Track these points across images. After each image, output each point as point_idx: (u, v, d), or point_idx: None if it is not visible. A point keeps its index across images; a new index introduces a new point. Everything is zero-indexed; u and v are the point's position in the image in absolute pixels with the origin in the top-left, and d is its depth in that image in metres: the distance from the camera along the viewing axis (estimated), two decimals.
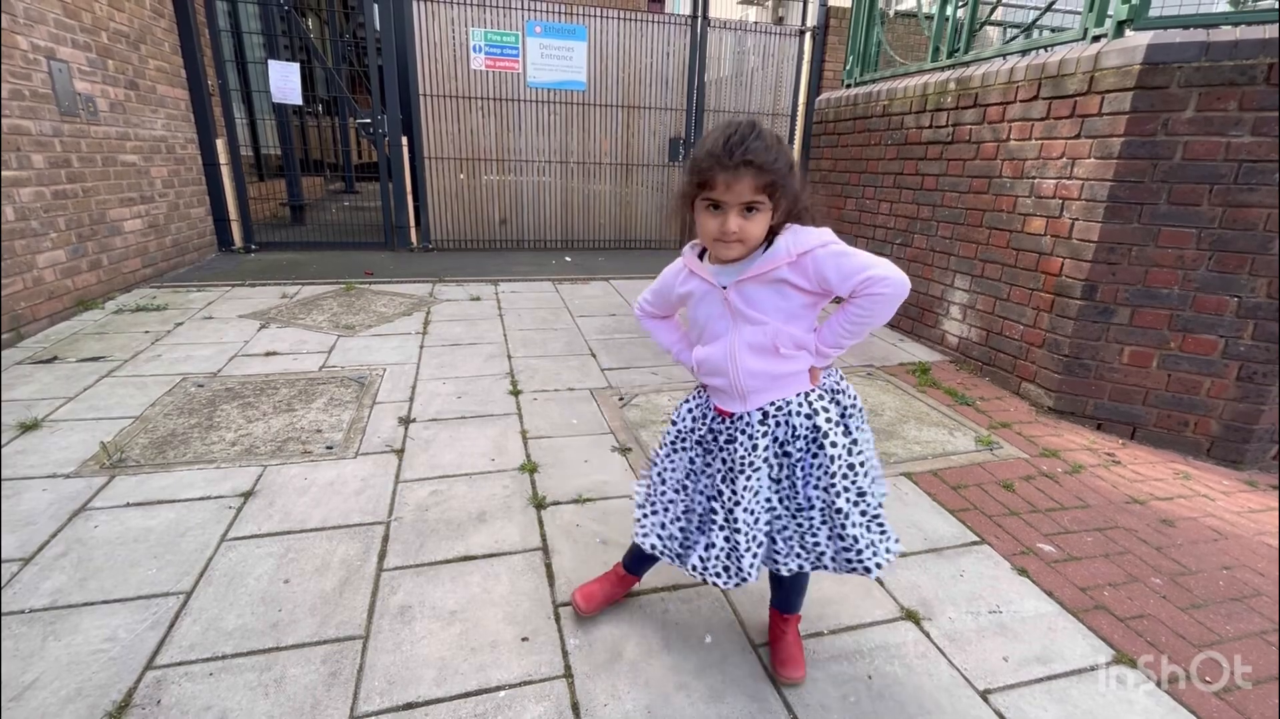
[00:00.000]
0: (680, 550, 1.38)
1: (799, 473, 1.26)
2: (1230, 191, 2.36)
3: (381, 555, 1.75)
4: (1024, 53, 3.10)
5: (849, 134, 4.48)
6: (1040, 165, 2.89)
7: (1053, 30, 4.22)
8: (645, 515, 1.44)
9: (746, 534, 1.27)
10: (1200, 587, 1.77)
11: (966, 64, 3.44)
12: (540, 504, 2.02)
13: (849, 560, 1.30)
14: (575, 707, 1.32)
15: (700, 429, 1.32)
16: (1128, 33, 2.59)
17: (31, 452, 2.20)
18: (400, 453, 2.30)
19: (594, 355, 3.41)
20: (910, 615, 1.61)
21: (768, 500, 1.29)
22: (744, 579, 1.29)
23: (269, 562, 1.70)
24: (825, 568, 1.33)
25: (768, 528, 1.31)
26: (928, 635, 1.55)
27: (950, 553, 1.87)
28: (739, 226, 1.12)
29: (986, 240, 3.25)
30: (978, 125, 3.26)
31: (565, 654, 1.45)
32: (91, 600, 1.54)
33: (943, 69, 3.61)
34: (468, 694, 1.33)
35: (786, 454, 1.26)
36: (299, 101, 5.56)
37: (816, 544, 1.30)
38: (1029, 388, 3.00)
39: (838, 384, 1.29)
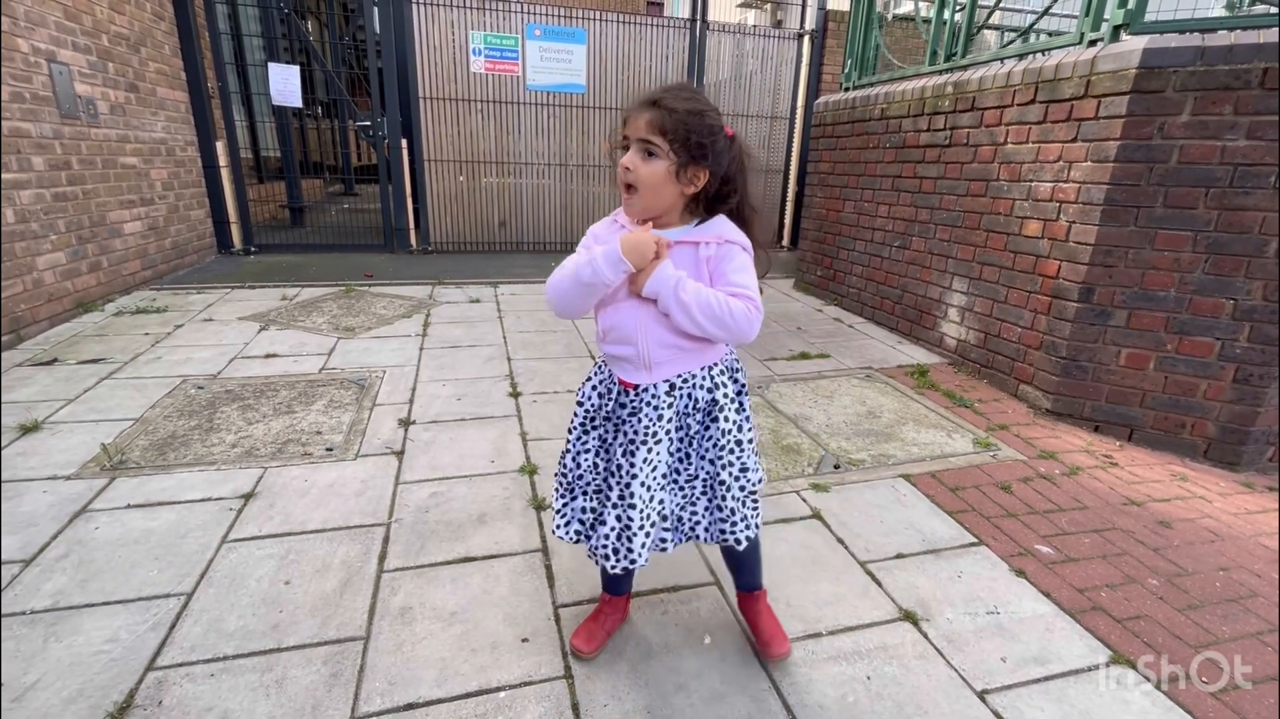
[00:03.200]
0: (589, 533, 1.36)
1: (693, 445, 1.30)
2: (1226, 195, 2.37)
3: (382, 557, 1.76)
4: (1021, 57, 3.11)
5: (847, 137, 4.50)
6: (1037, 168, 2.91)
7: (1049, 34, 4.24)
8: (565, 505, 1.37)
9: (641, 512, 1.26)
10: (1197, 588, 1.78)
11: (964, 68, 3.46)
12: (540, 506, 2.03)
13: (722, 531, 1.35)
14: (575, 708, 1.32)
15: (608, 404, 1.29)
16: (1124, 37, 2.60)
17: (32, 453, 2.21)
18: (400, 455, 2.31)
19: (593, 357, 3.42)
20: (908, 616, 1.62)
21: (665, 473, 1.30)
22: (633, 562, 1.27)
23: (270, 563, 1.71)
24: (696, 538, 1.37)
25: (661, 505, 1.31)
26: (926, 636, 1.56)
27: (948, 554, 1.88)
28: (632, 164, 1.13)
29: (984, 243, 3.27)
30: (975, 129, 3.28)
31: (565, 655, 1.45)
32: (93, 602, 1.55)
33: (940, 73, 3.63)
34: (468, 695, 1.34)
35: (685, 427, 1.29)
36: (299, 104, 5.58)
37: (694, 514, 1.35)
38: (1027, 390, 3.01)
39: (735, 363, 1.33)
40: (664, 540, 1.35)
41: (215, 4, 5.23)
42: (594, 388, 1.32)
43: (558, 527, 1.38)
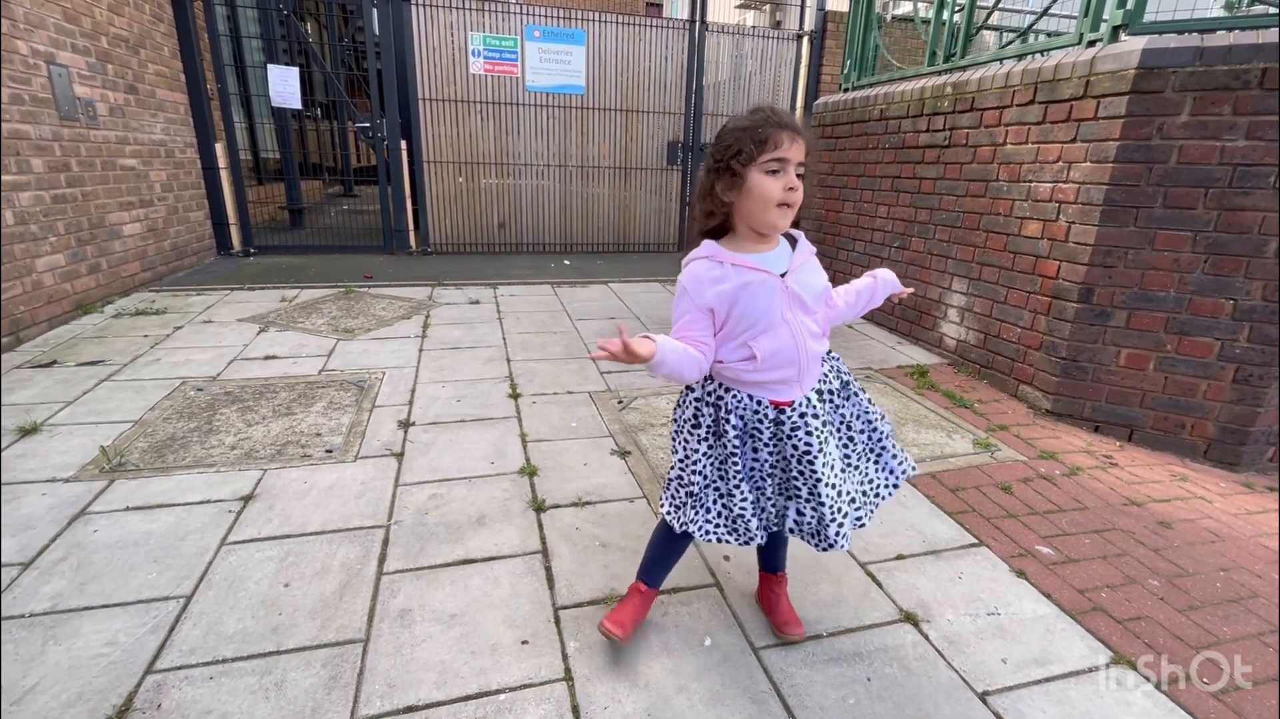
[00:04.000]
0: (777, 521, 1.37)
1: (851, 428, 1.38)
2: (1225, 195, 2.37)
3: (381, 559, 1.75)
4: (1020, 57, 3.12)
5: (846, 138, 4.50)
6: (1036, 169, 2.91)
7: (1048, 35, 4.25)
8: (745, 524, 1.33)
9: (830, 506, 1.30)
10: (1198, 588, 1.78)
11: (963, 68, 3.46)
12: (540, 507, 2.03)
13: (891, 473, 1.44)
14: (575, 710, 1.32)
15: (761, 430, 1.28)
16: (1123, 37, 2.60)
17: (31, 456, 2.20)
18: (400, 456, 2.31)
19: (593, 359, 3.41)
20: (909, 618, 1.62)
21: (842, 466, 1.36)
22: (830, 545, 1.32)
23: (269, 565, 1.71)
24: (881, 500, 1.42)
25: (848, 494, 1.35)
26: (926, 637, 1.56)
27: (949, 555, 1.88)
28: (798, 186, 1.17)
29: (984, 243, 3.27)
30: (974, 129, 3.28)
31: (565, 657, 1.45)
32: (91, 604, 1.54)
33: (939, 73, 3.63)
34: (468, 697, 1.34)
35: (841, 417, 1.36)
36: (298, 105, 5.58)
37: (871, 480, 1.41)
38: (1027, 390, 3.01)
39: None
40: (859, 520, 1.39)
41: (214, 6, 5.23)
42: (729, 416, 1.27)
43: (751, 539, 1.34)
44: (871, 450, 1.43)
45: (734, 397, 1.28)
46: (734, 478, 1.31)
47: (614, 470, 2.27)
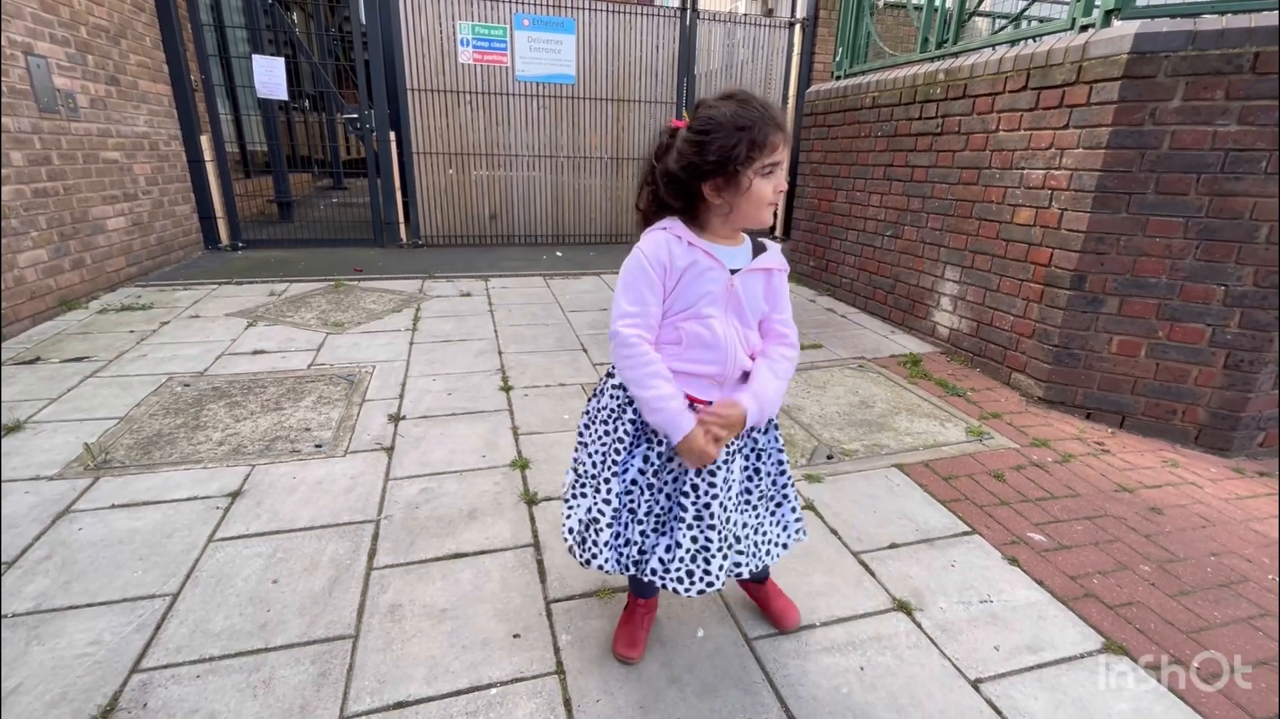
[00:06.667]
0: (637, 557, 1.28)
1: (762, 459, 1.32)
2: (1217, 180, 2.37)
3: (371, 554, 1.74)
4: (1012, 43, 3.09)
5: (839, 126, 4.47)
6: (1029, 156, 2.89)
7: (1041, 20, 4.22)
8: (612, 535, 1.27)
9: (720, 532, 1.23)
10: (1189, 573, 1.79)
11: (955, 55, 3.43)
12: (532, 500, 2.01)
13: (785, 529, 1.39)
14: (567, 703, 1.31)
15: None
16: (1115, 22, 2.58)
17: (14, 454, 2.17)
18: (390, 450, 2.28)
19: (585, 350, 3.40)
20: (902, 606, 1.61)
21: (739, 492, 1.29)
22: (709, 584, 1.22)
23: (257, 562, 1.69)
24: (763, 559, 1.36)
25: (736, 527, 1.29)
26: (919, 626, 1.55)
27: (941, 543, 1.88)
28: (785, 185, 1.15)
29: (976, 231, 3.26)
30: (967, 116, 3.26)
31: (557, 651, 1.44)
32: (76, 604, 1.52)
33: (932, 60, 3.60)
34: (459, 692, 1.33)
35: (754, 440, 1.30)
36: (284, 97, 5.49)
37: (763, 530, 1.36)
38: (1019, 378, 3.01)
39: None
40: (738, 565, 1.30)
41: None
42: (634, 411, 1.23)
43: (581, 557, 1.29)
44: (773, 499, 1.36)
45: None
46: (619, 464, 1.24)
47: None
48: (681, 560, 1.23)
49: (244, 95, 6.35)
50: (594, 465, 1.29)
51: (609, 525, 1.26)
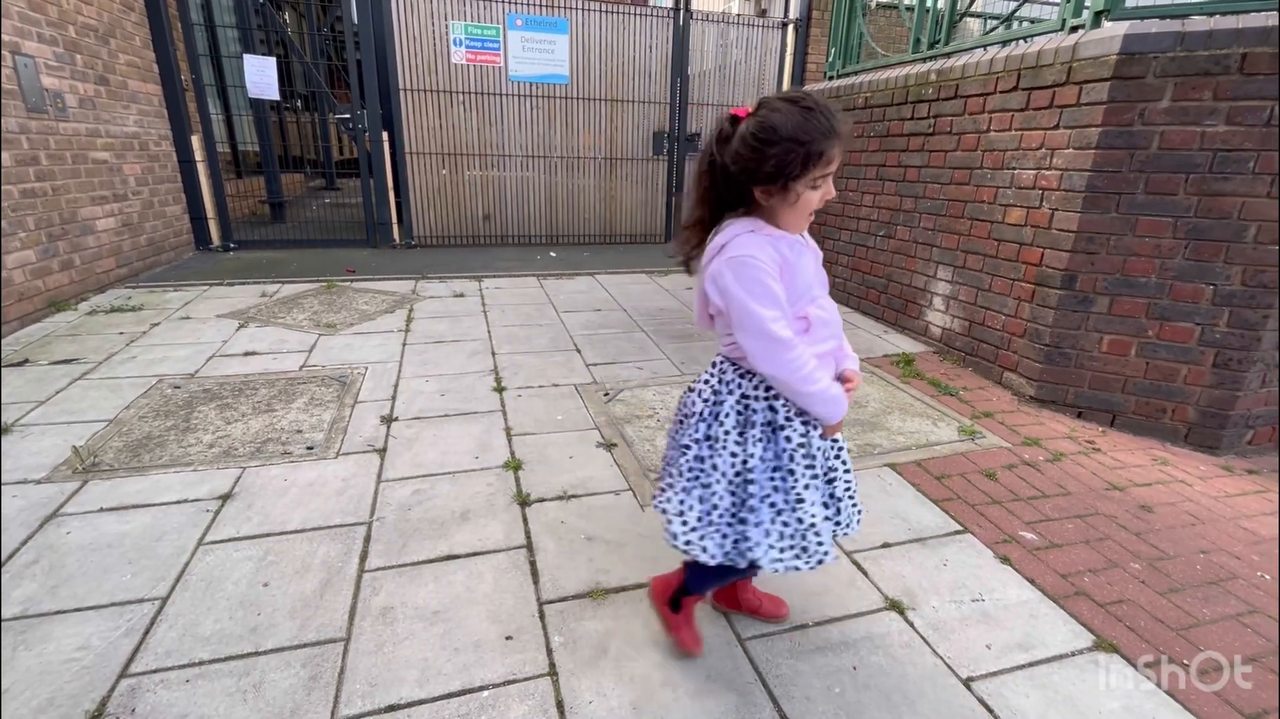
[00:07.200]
0: (735, 551, 1.26)
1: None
2: (1205, 180, 2.38)
3: (363, 556, 1.73)
4: (1003, 44, 3.11)
5: None
6: (1020, 156, 2.91)
7: (1031, 21, 4.24)
8: (707, 525, 1.25)
9: (824, 510, 1.27)
10: (1178, 571, 1.80)
11: (947, 55, 3.45)
12: (524, 501, 2.01)
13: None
14: (560, 705, 1.31)
15: (785, 410, 1.20)
16: (1105, 23, 2.60)
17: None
18: (382, 452, 2.27)
19: (579, 351, 3.39)
20: (894, 605, 1.62)
21: (837, 457, 1.31)
22: (825, 556, 1.26)
23: (248, 565, 1.67)
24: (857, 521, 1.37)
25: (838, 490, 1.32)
26: (912, 625, 1.56)
27: (934, 542, 1.88)
28: (833, 192, 1.16)
29: (968, 231, 3.27)
30: (958, 116, 3.27)
31: (550, 652, 1.44)
32: (64, 608, 1.51)
33: (924, 60, 3.61)
34: (451, 695, 1.32)
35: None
36: (276, 97, 5.47)
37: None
38: (1011, 377, 3.03)
39: None
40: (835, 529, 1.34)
41: None
42: (755, 397, 1.21)
43: (698, 550, 1.25)
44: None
45: (735, 380, 1.23)
46: (750, 461, 1.21)
47: (600, 463, 2.25)
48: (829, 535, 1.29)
49: (235, 95, 6.31)
50: (732, 485, 1.24)
51: (718, 520, 1.26)
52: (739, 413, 1.22)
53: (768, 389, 1.21)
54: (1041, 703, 1.36)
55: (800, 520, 1.24)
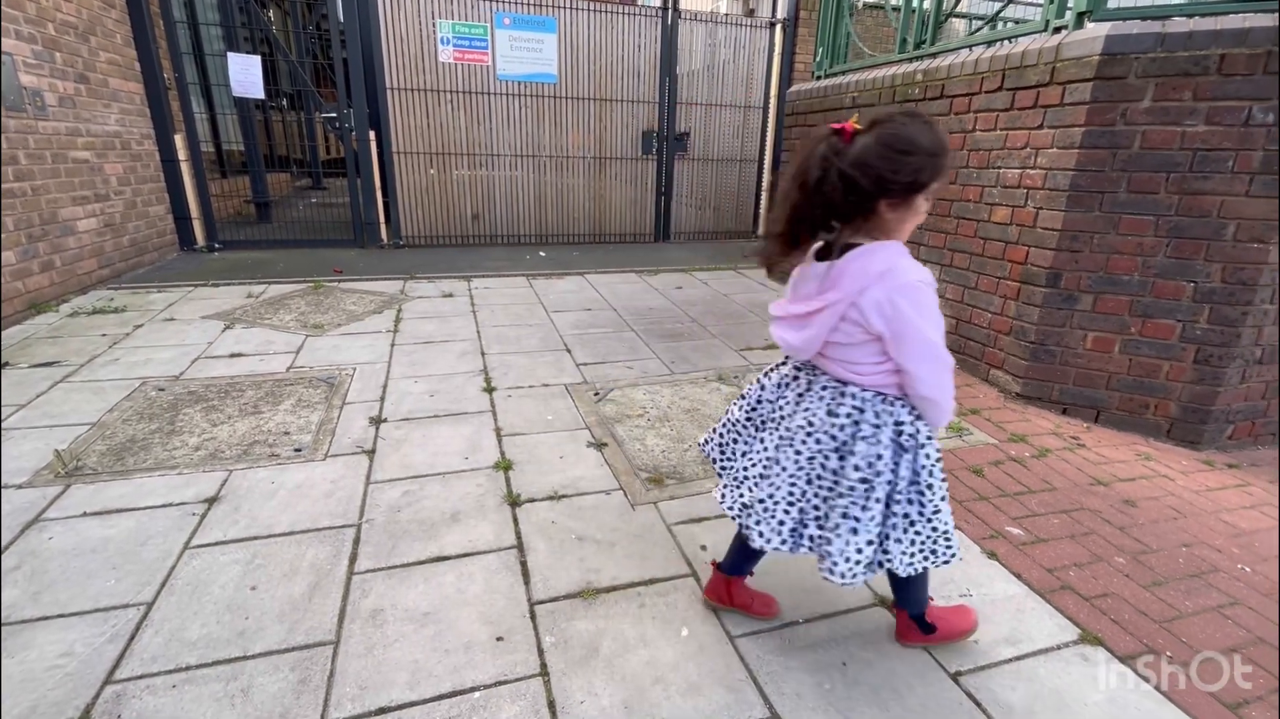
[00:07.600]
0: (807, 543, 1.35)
1: None
2: (1186, 179, 2.42)
3: (352, 558, 1.72)
4: (988, 44, 3.13)
5: (819, 125, 4.49)
6: (1005, 155, 2.94)
7: (1016, 22, 4.29)
8: (785, 515, 1.33)
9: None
10: (1161, 564, 1.83)
11: (933, 55, 3.47)
12: (515, 502, 2.00)
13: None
14: (551, 705, 1.31)
15: (923, 432, 1.28)
16: (1087, 24, 2.63)
17: None
18: (371, 454, 2.26)
19: (569, 351, 3.39)
20: (884, 602, 1.63)
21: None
22: (953, 557, 1.30)
23: (235, 569, 1.66)
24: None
25: None
26: None
27: None
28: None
29: (954, 230, 3.30)
30: (944, 116, 3.30)
31: (541, 652, 1.44)
32: (46, 614, 1.48)
33: (910, 60, 3.64)
34: (442, 697, 1.32)
35: None
36: (261, 95, 5.41)
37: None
38: (997, 374, 3.06)
39: None
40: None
41: None
42: (912, 418, 1.26)
43: (774, 542, 1.33)
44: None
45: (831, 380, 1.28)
46: (942, 490, 1.29)
47: (590, 463, 2.25)
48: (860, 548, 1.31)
49: (220, 94, 6.23)
50: (863, 502, 1.26)
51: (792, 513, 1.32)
52: (894, 440, 1.24)
53: (915, 413, 1.25)
54: (1028, 696, 1.37)
55: (935, 529, 1.29)
